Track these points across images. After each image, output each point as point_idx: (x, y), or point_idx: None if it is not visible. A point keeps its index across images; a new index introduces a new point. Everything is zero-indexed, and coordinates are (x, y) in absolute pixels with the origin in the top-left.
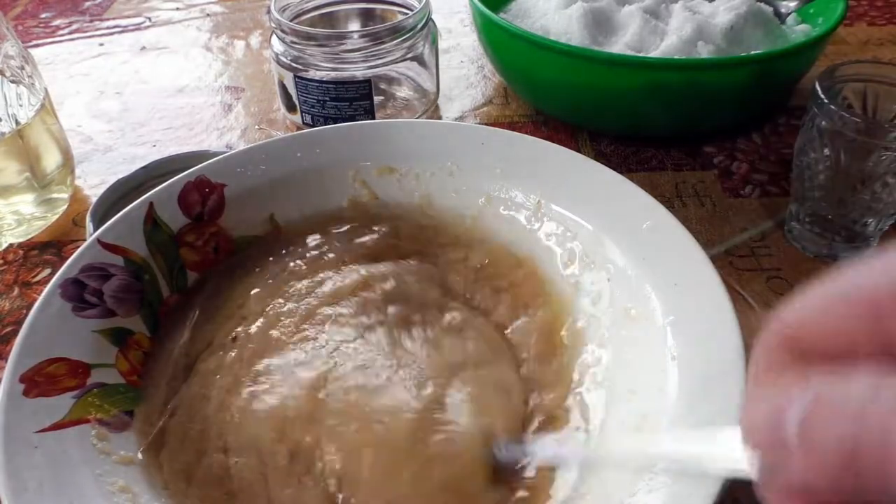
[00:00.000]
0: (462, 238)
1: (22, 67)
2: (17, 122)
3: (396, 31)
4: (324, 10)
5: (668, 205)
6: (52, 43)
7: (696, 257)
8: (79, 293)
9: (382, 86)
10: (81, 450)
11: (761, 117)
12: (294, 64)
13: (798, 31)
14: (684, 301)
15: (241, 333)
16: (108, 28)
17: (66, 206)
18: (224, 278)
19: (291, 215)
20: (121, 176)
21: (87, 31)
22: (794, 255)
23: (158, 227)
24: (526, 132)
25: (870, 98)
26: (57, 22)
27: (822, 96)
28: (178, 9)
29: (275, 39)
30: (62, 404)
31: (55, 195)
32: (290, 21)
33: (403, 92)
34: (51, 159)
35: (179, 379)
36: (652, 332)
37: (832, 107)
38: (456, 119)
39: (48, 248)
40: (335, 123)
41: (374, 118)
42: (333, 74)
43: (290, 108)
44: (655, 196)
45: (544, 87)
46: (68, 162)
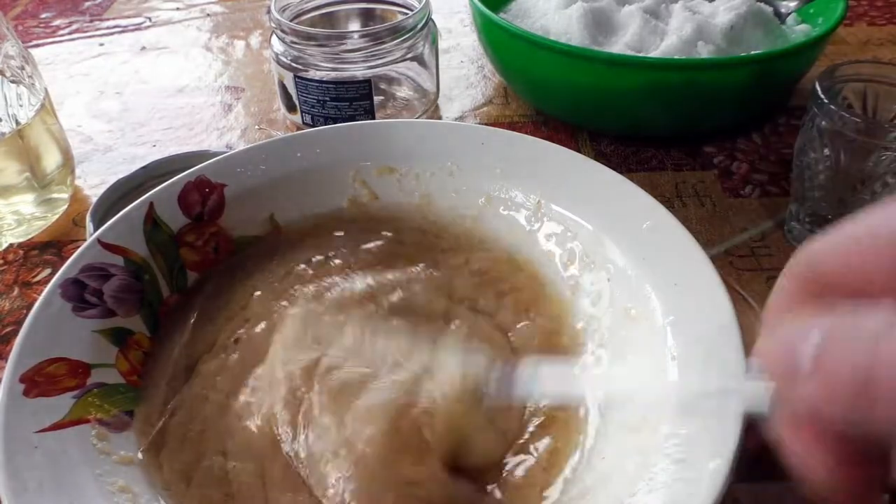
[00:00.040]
0: (462, 239)
1: (22, 67)
2: (17, 122)
3: (396, 31)
4: (324, 10)
5: (668, 205)
6: (52, 43)
7: (696, 257)
8: (79, 293)
9: (382, 86)
10: (81, 450)
11: (761, 117)
12: (294, 64)
13: (798, 31)
14: (684, 301)
15: (243, 336)
16: (108, 28)
17: (66, 206)
18: (224, 278)
19: (291, 215)
20: (121, 176)
21: (87, 31)
22: None
23: (158, 227)
24: (526, 132)
25: (870, 98)
26: (57, 22)
27: (822, 96)
28: (178, 9)
29: (275, 39)
30: (62, 404)
31: (55, 195)
32: (290, 21)
33: (403, 92)
34: (51, 159)
35: (180, 379)
36: (652, 332)
37: (832, 107)
38: (456, 119)
39: (48, 248)
40: (335, 123)
41: (374, 118)
42: (333, 74)
43: (290, 108)
44: (655, 196)
45: (544, 87)
46: (68, 162)
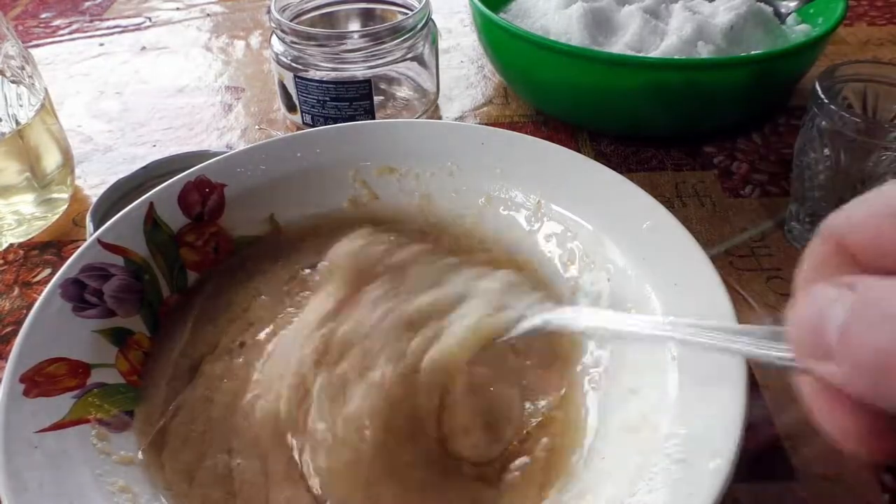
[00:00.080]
0: (462, 239)
1: (22, 67)
2: (18, 122)
3: (396, 31)
4: (324, 10)
5: (668, 205)
6: (52, 43)
7: (696, 257)
8: (79, 293)
9: (382, 86)
10: (81, 450)
11: (761, 117)
12: (294, 64)
13: (798, 31)
14: (684, 301)
15: (248, 339)
16: (108, 28)
17: (66, 206)
18: (224, 278)
19: (291, 215)
20: (121, 176)
21: (87, 31)
22: (794, 255)
23: (158, 227)
24: (526, 132)
25: (870, 98)
26: (57, 22)
27: (822, 96)
28: (178, 9)
29: (275, 39)
30: (62, 404)
31: (55, 195)
32: (290, 21)
33: (403, 92)
34: (51, 159)
35: (180, 379)
36: None
37: (832, 107)
38: (456, 119)
39: (48, 248)
40: (335, 123)
41: (374, 118)
42: (333, 74)
43: (290, 108)
44: (655, 196)
45: (544, 87)
46: (68, 162)
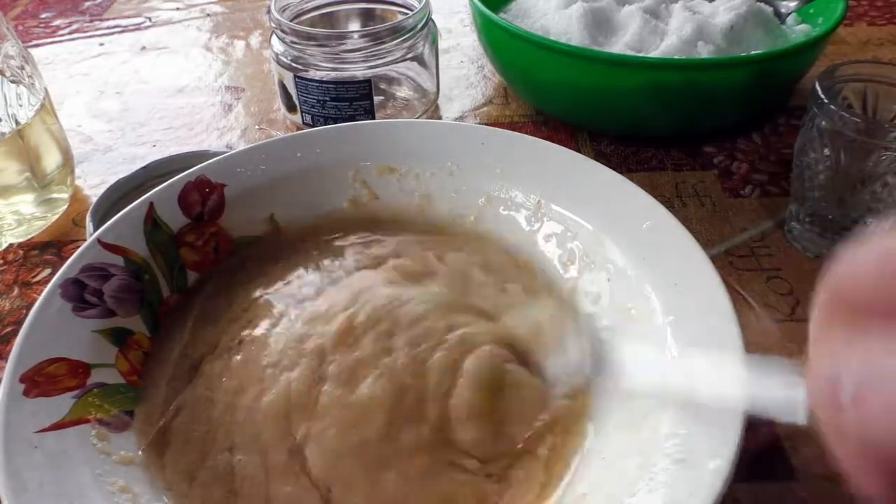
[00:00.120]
0: (463, 240)
1: (22, 67)
2: (17, 122)
3: (396, 31)
4: (324, 10)
5: (668, 205)
6: (52, 43)
7: (696, 257)
8: (79, 293)
9: (382, 86)
10: (81, 450)
11: (761, 117)
12: (294, 64)
13: (798, 31)
14: (684, 301)
15: (247, 337)
16: (108, 28)
17: (66, 206)
18: (224, 278)
19: (291, 215)
20: (121, 176)
21: (87, 31)
22: (794, 255)
23: (158, 227)
24: (526, 132)
25: (870, 98)
26: (57, 22)
27: (822, 96)
28: (178, 9)
29: (275, 39)
30: (62, 404)
31: (55, 195)
32: (290, 21)
33: (403, 92)
34: (51, 159)
35: (181, 379)
36: (652, 332)
37: (832, 107)
38: (456, 119)
39: (48, 248)
40: (335, 123)
41: (374, 118)
42: (333, 74)
43: (290, 108)
44: (655, 196)
45: (544, 87)
46: (68, 162)
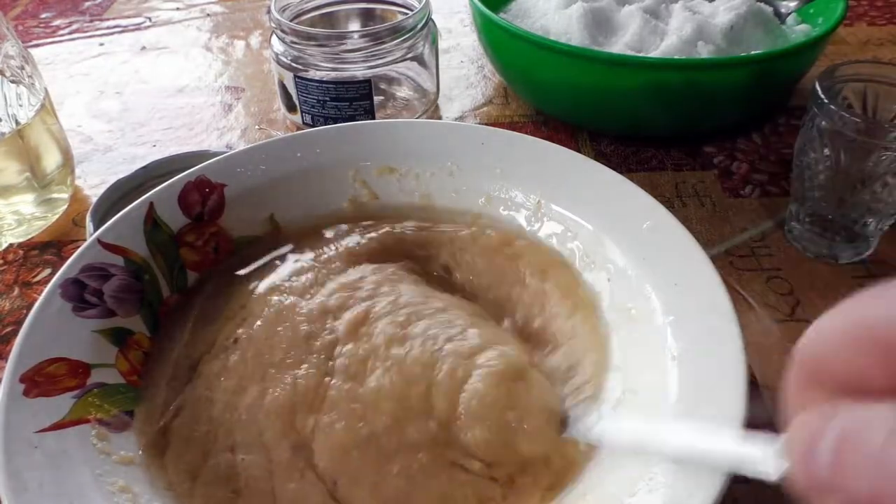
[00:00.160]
0: (463, 239)
1: (22, 67)
2: (17, 122)
3: (396, 31)
4: (324, 10)
5: (668, 205)
6: (52, 43)
7: (696, 257)
8: (79, 293)
9: (382, 86)
10: (81, 450)
11: (761, 117)
12: (294, 64)
13: (798, 31)
14: (684, 301)
15: (242, 335)
16: (108, 28)
17: (66, 206)
18: (224, 278)
19: (291, 215)
20: (121, 176)
21: (87, 31)
22: (794, 255)
23: (158, 227)
24: (526, 132)
25: (870, 98)
26: (57, 22)
27: (822, 96)
28: (178, 9)
29: (275, 39)
30: (62, 404)
31: (55, 195)
32: (290, 21)
33: (403, 92)
34: (51, 159)
35: (180, 379)
36: (652, 332)
37: (832, 107)
38: (456, 119)
39: (48, 248)
40: (335, 123)
41: (374, 118)
42: (333, 74)
43: (290, 108)
44: (655, 196)
45: (544, 87)
46: (68, 162)
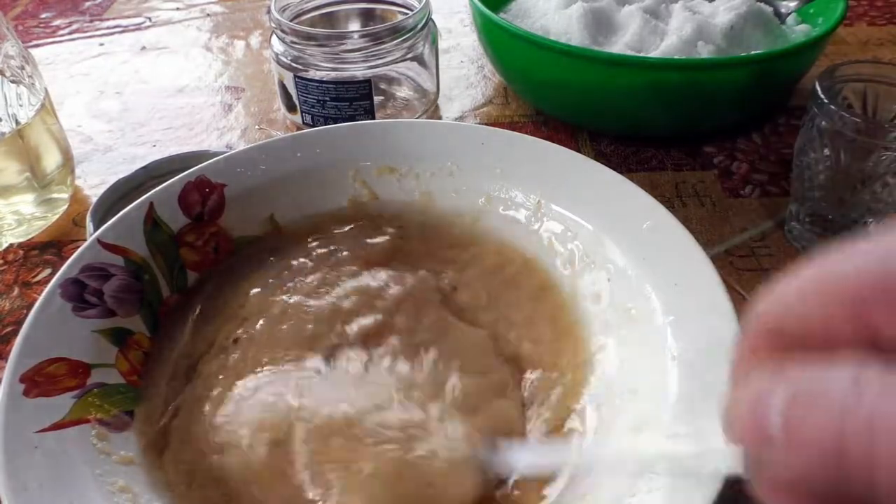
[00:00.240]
0: (463, 239)
1: (22, 67)
2: (17, 122)
3: (396, 31)
4: (324, 10)
5: (668, 205)
6: (52, 43)
7: (696, 257)
8: (79, 293)
9: (382, 86)
10: (81, 450)
11: (761, 117)
12: (294, 64)
13: (798, 31)
14: (684, 301)
15: (241, 335)
16: (108, 28)
17: (66, 206)
18: (224, 278)
19: (291, 215)
20: (121, 176)
21: (87, 31)
22: (794, 255)
23: (158, 227)
24: (526, 132)
25: (870, 98)
26: (57, 22)
27: (822, 96)
28: (178, 9)
29: (275, 39)
30: (62, 404)
31: (55, 195)
32: (290, 21)
33: (403, 92)
34: (51, 159)
35: (180, 379)
36: (652, 332)
37: (832, 107)
38: (456, 119)
39: (48, 248)
40: (335, 123)
41: (374, 118)
42: (333, 74)
43: (290, 108)
44: (655, 196)
45: (544, 87)
46: (68, 162)
